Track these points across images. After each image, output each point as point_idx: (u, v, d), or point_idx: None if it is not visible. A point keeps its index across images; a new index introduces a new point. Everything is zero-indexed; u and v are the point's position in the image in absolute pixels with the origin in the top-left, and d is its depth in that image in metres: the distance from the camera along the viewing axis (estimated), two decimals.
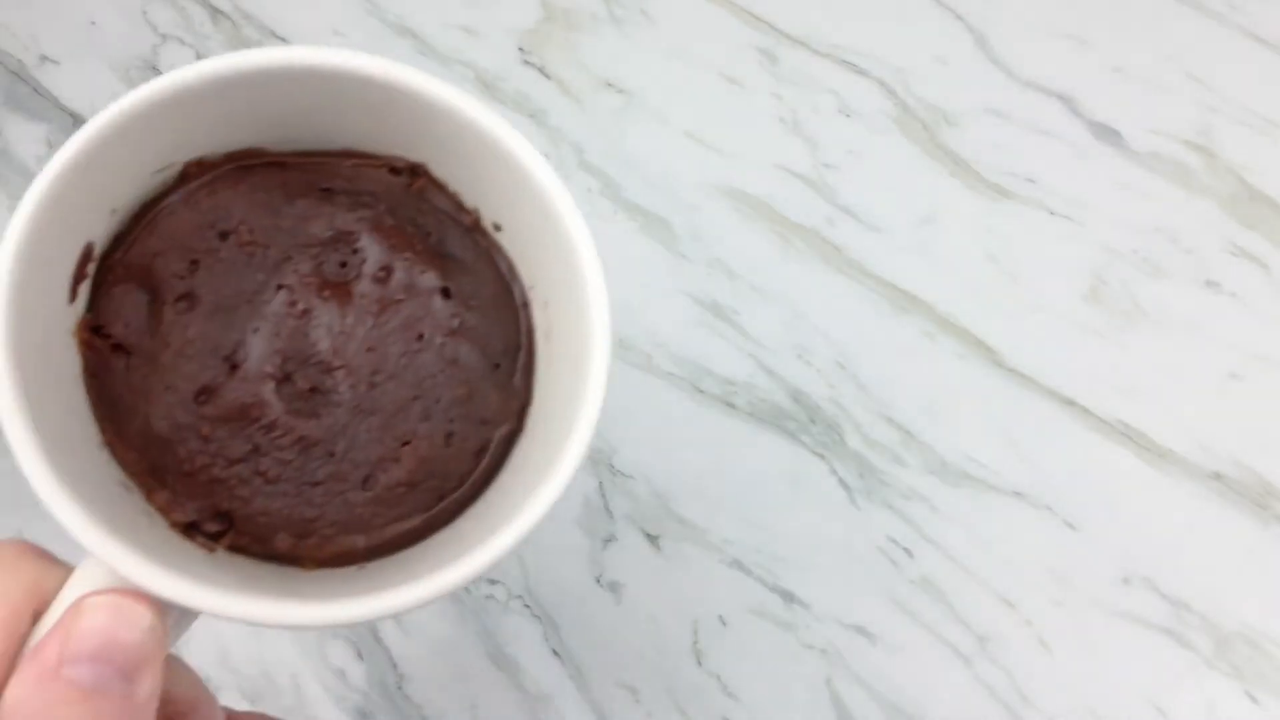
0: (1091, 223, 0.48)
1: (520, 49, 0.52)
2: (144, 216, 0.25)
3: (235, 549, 0.24)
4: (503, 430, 0.26)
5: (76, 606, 0.20)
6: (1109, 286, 0.47)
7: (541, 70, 0.51)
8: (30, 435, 0.20)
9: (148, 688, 0.20)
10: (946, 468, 0.44)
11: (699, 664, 0.43)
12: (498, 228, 0.26)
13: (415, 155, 0.27)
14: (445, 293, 0.26)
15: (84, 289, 0.24)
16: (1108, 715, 0.42)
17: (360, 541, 0.24)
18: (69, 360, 0.24)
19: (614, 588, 0.44)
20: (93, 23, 0.53)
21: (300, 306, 0.25)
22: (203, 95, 0.23)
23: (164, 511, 0.24)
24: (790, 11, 0.52)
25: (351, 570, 0.24)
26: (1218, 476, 0.44)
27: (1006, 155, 0.49)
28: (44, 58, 0.53)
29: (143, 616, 0.20)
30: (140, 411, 0.24)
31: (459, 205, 0.27)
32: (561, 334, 0.25)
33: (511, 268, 0.27)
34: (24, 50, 0.53)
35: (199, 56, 0.52)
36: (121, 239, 0.25)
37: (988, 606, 0.43)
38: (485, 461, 0.25)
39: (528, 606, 0.44)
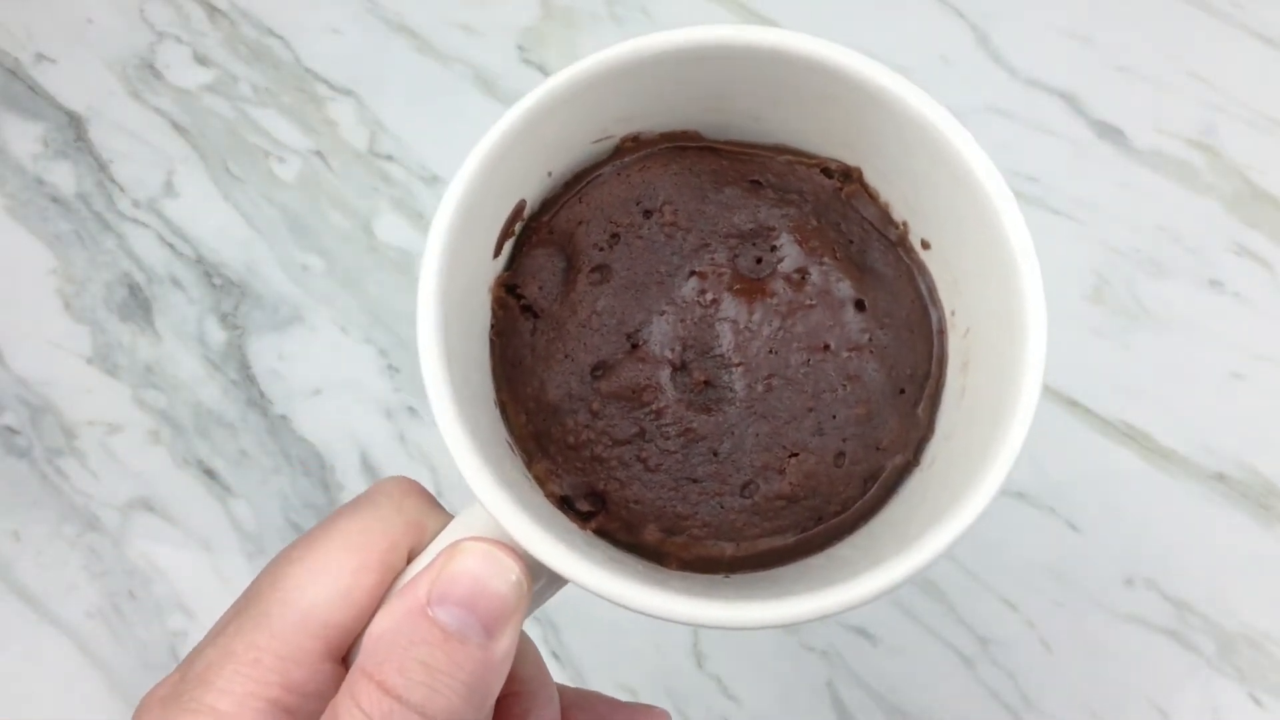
0: (1094, 222, 0.47)
1: (519, 47, 0.52)
2: (575, 184, 0.25)
3: (601, 533, 0.24)
4: (897, 460, 0.24)
5: (452, 548, 0.20)
6: (1111, 286, 0.46)
7: (541, 69, 0.51)
8: (443, 374, 0.21)
9: (505, 645, 0.20)
10: None
11: (699, 666, 0.43)
12: (925, 245, 0.25)
13: (851, 159, 0.25)
14: (859, 305, 0.24)
15: (508, 247, 0.25)
16: (1110, 718, 0.42)
17: (728, 550, 0.23)
18: (481, 315, 0.24)
19: None
20: (89, 20, 0.53)
21: (709, 296, 0.24)
22: (645, 69, 0.23)
23: (541, 481, 0.23)
24: (791, 10, 0.51)
25: (716, 578, 0.23)
26: (1221, 477, 0.44)
27: (1008, 154, 0.49)
28: (40, 56, 0.52)
29: (511, 570, 0.20)
30: (537, 376, 0.24)
31: (887, 217, 0.26)
32: (983, 365, 0.23)
33: (932, 290, 0.25)
34: (20, 48, 0.52)
35: (196, 55, 0.52)
36: (549, 204, 0.25)
37: (989, 608, 0.43)
38: (873, 490, 0.24)
39: None
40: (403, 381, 0.47)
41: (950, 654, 0.42)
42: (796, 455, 0.23)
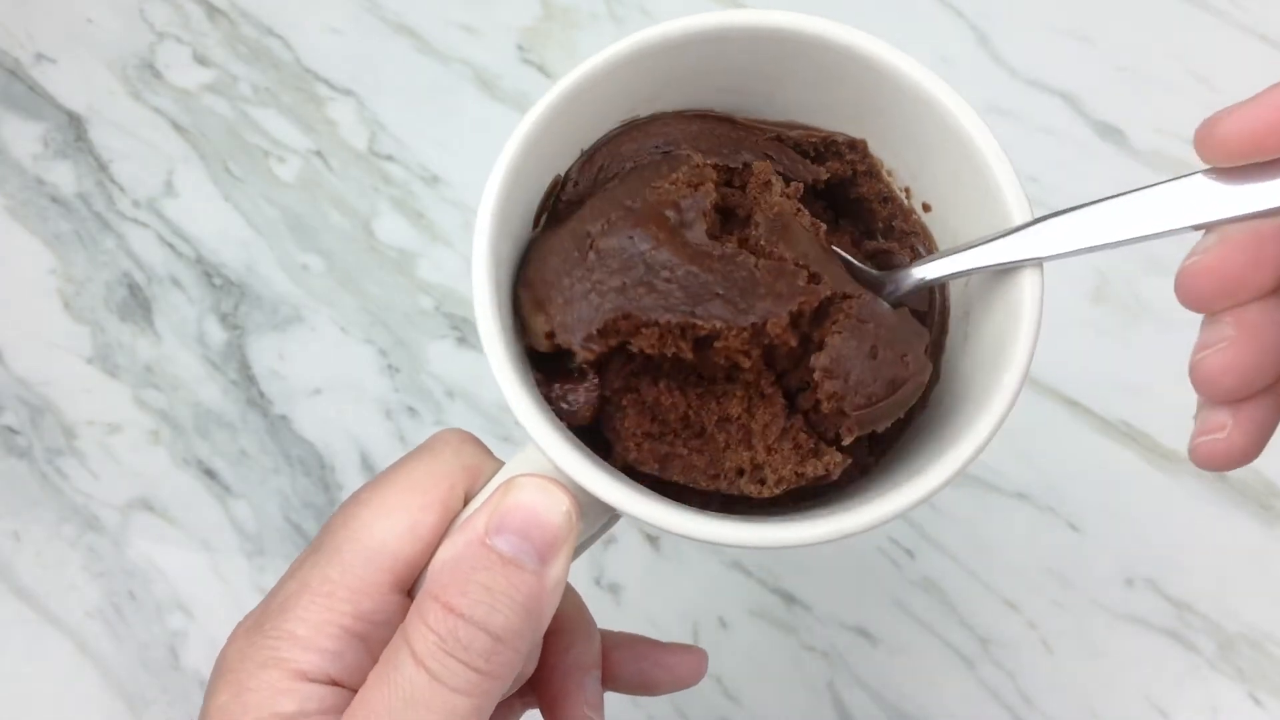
0: None
1: (519, 47, 0.52)
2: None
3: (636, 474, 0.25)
4: None
5: (507, 483, 0.22)
6: (1112, 285, 0.46)
7: (541, 69, 0.51)
8: (498, 332, 0.23)
9: (557, 571, 0.22)
10: None
11: None
12: (926, 208, 0.27)
13: (857, 131, 0.27)
14: None
15: (544, 221, 0.26)
16: (1110, 717, 0.41)
17: (754, 492, 0.25)
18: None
19: (614, 589, 0.44)
20: (89, 20, 0.53)
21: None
22: (673, 51, 0.25)
23: (547, 336, 0.25)
24: (790, 10, 0.51)
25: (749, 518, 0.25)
26: (1221, 477, 0.44)
27: (1009, 154, 0.48)
28: (40, 56, 0.52)
29: (562, 501, 0.22)
30: (542, 255, 0.25)
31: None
32: (983, 311, 0.25)
33: (931, 249, 0.27)
34: (20, 48, 0.52)
35: (196, 55, 0.52)
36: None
37: (990, 608, 0.43)
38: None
39: None
40: (402, 381, 0.46)
41: (950, 654, 0.42)
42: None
